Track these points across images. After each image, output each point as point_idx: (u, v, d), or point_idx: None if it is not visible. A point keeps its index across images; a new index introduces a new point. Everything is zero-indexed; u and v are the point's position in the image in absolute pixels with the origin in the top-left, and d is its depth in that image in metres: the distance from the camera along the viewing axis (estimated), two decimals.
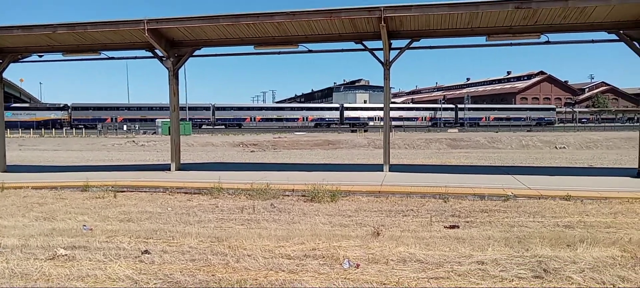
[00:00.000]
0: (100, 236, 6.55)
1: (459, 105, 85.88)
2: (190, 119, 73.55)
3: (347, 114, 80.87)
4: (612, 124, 78.64)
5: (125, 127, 67.11)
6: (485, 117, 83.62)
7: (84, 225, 7.29)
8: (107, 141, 45.07)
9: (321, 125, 77.22)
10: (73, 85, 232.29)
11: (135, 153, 31.20)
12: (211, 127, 75.06)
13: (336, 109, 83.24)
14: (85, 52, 15.22)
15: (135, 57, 15.89)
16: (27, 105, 74.43)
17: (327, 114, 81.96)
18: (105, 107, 75.95)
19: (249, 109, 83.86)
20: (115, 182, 11.73)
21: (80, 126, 68.64)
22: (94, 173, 13.92)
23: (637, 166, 12.40)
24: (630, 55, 12.39)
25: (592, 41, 13.12)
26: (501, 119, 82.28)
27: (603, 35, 12.55)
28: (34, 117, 71.22)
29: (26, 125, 66.63)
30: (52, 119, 72.25)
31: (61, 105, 76.07)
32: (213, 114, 78.25)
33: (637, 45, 11.93)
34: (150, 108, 75.44)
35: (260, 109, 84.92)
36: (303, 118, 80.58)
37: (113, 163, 21.28)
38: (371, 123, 76.18)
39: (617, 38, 12.18)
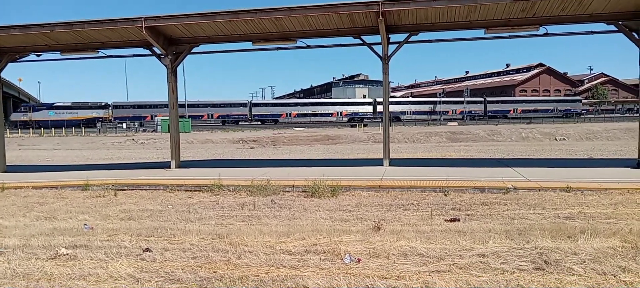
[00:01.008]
0: (101, 235, 6.55)
1: (488, 99, 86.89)
2: (227, 116, 75.91)
3: (379, 108, 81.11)
4: (612, 115, 78.77)
5: (124, 125, 67.09)
6: (513, 110, 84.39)
7: (85, 224, 7.30)
8: (107, 139, 45.06)
9: (354, 119, 77.22)
10: (71, 84, 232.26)
11: (135, 151, 31.21)
12: (248, 123, 76.33)
13: (369, 103, 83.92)
14: (83, 50, 15.20)
15: (133, 55, 15.91)
16: (69, 104, 75.59)
17: (361, 109, 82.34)
18: (145, 105, 76.64)
19: (284, 105, 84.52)
20: (115, 180, 11.73)
21: (120, 124, 69.97)
22: (94, 172, 13.93)
23: (637, 157, 12.40)
24: (629, 46, 12.39)
25: (591, 32, 13.10)
26: (529, 110, 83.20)
27: (602, 26, 12.52)
28: (76, 116, 72.72)
29: (70, 124, 68.39)
30: (94, 117, 73.54)
31: (103, 104, 77.27)
32: (250, 111, 79.23)
33: (636, 36, 11.91)
34: (188, 105, 77.35)
35: (296, 104, 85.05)
36: (337, 113, 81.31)
37: (113, 161, 21.29)
38: (403, 117, 76.47)
39: (616, 29, 12.16)
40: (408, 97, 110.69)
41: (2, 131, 15.63)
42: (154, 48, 14.39)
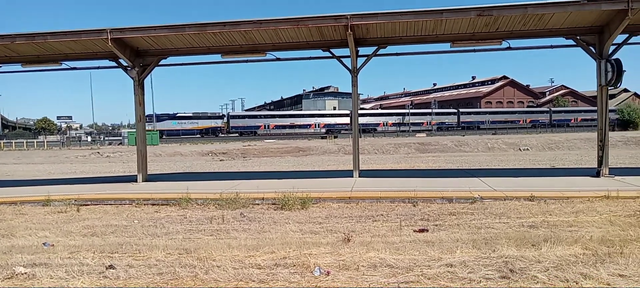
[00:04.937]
0: (62, 252, 6.31)
1: (553, 109, 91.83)
2: (334, 125, 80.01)
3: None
4: (572, 126, 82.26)
5: (89, 138, 65.45)
6: (574, 119, 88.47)
7: (45, 242, 7.02)
8: (71, 153, 43.67)
9: (442, 128, 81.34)
10: (33, 96, 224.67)
11: (100, 165, 30.37)
12: (348, 132, 77.82)
13: (454, 113, 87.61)
14: (46, 62, 14.75)
15: (98, 67, 15.50)
16: (190, 114, 79.18)
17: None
18: (258, 115, 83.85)
19: (379, 115, 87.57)
20: (78, 195, 11.36)
21: (235, 133, 75.46)
22: (56, 187, 13.46)
23: (596, 166, 12.86)
24: (587, 59, 13.04)
25: (551, 46, 13.63)
26: (587, 119, 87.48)
27: (561, 40, 13.01)
28: (196, 126, 76.88)
29: (191, 133, 74.35)
30: (213, 126, 77.93)
31: (220, 115, 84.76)
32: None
33: (593, 50, 12.43)
34: (297, 116, 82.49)
35: (390, 115, 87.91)
36: (427, 122, 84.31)
37: (77, 176, 20.65)
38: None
39: (574, 43, 12.66)
40: (377, 108, 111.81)
41: None
42: (120, 60, 14.09)
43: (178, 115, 76.65)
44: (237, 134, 74.72)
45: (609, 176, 12.28)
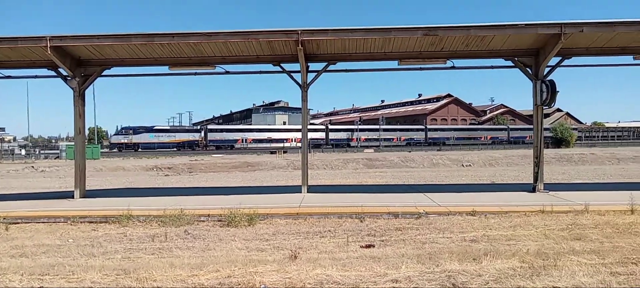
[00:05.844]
0: None
1: (511, 127, 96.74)
2: (311, 139, 78.85)
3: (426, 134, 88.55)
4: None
5: (23, 152, 61.64)
6: (529, 136, 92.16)
7: None
8: (2, 167, 40.89)
9: (411, 143, 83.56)
10: None
11: (34, 180, 28.60)
12: (326, 146, 79.14)
13: (422, 130, 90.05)
14: None
15: (36, 76, 14.67)
16: (168, 127, 78.91)
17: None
18: (236, 129, 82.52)
19: (353, 130, 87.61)
20: (7, 212, 10.60)
21: (213, 146, 74.44)
22: None
23: (532, 182, 13.52)
24: (524, 80, 13.82)
25: (492, 67, 14.26)
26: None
27: (501, 61, 13.69)
28: (174, 139, 74.90)
29: (168, 146, 72.19)
30: (190, 140, 75.77)
31: (197, 128, 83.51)
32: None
33: (530, 71, 13.16)
34: (274, 130, 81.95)
35: (362, 130, 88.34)
36: (397, 138, 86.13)
37: (7, 192, 19.32)
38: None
39: (513, 64, 13.36)
40: (327, 124, 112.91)
41: None
42: (60, 69, 13.41)
43: (155, 127, 74.83)
44: (214, 148, 74.25)
45: (544, 191, 12.94)
